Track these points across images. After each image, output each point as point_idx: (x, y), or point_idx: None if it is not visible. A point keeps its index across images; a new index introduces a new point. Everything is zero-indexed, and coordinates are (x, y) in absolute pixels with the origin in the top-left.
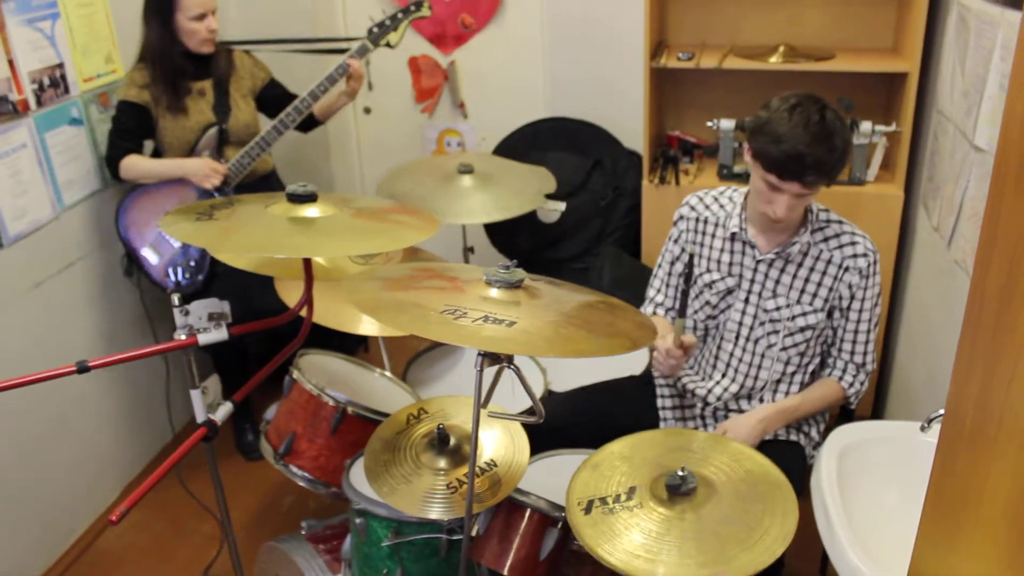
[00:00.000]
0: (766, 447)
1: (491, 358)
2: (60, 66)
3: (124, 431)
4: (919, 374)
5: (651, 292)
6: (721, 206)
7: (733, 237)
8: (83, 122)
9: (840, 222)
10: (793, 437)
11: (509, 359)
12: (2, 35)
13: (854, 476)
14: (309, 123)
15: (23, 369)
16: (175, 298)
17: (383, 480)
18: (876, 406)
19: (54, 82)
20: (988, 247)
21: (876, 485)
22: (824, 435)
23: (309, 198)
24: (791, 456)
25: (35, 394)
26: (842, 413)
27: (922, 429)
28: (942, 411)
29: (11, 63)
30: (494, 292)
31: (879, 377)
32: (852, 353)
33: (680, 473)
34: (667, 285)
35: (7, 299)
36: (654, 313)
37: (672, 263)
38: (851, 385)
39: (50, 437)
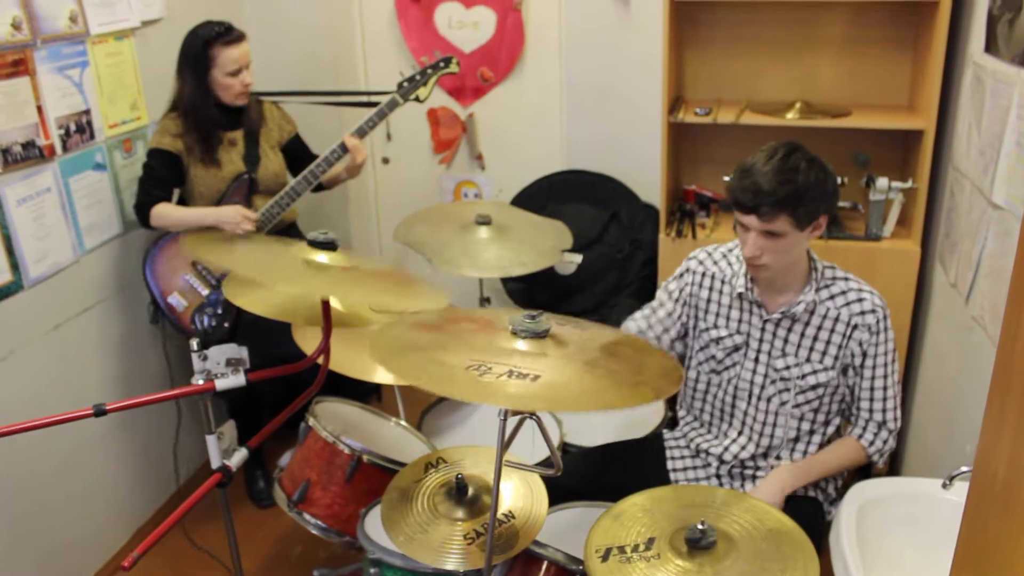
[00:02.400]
0: (784, 505)
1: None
2: (87, 112)
3: (135, 476)
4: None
5: (637, 313)
6: (729, 264)
7: (740, 297)
8: (107, 167)
9: (846, 279)
10: (811, 493)
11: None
12: (33, 82)
13: (873, 533)
14: (318, 186)
15: (39, 410)
16: (194, 343)
17: (400, 529)
18: (894, 462)
19: (80, 128)
20: (1017, 304)
21: (896, 542)
22: (842, 491)
23: (329, 246)
24: (809, 513)
25: (48, 437)
26: (860, 468)
27: (944, 486)
28: (965, 468)
29: (40, 109)
30: (520, 343)
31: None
32: (871, 411)
33: (700, 527)
34: (654, 311)
35: (26, 340)
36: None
37: (665, 317)
38: (871, 444)
39: (62, 480)
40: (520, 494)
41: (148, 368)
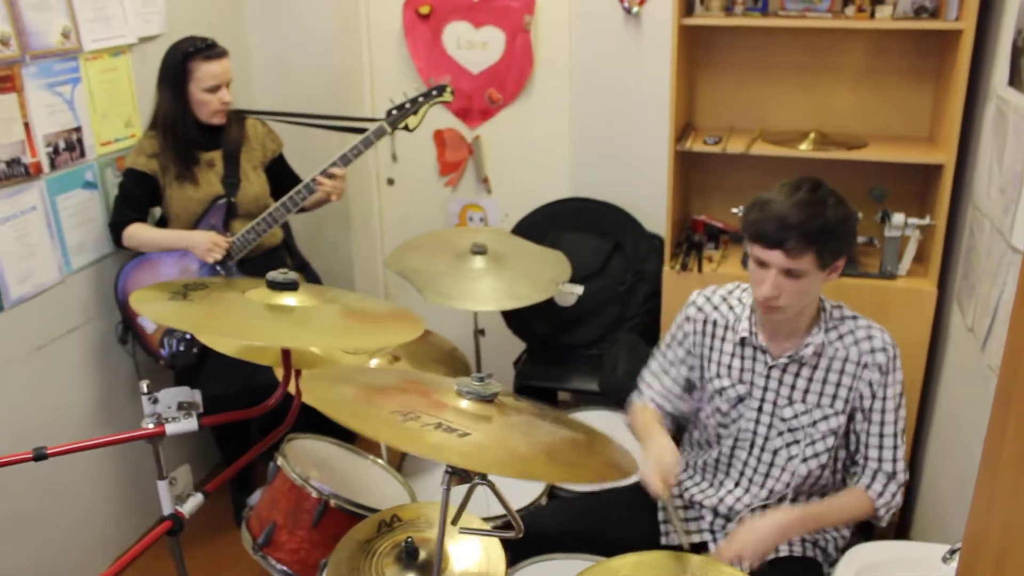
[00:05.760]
0: (781, 565)
1: (461, 475)
2: (77, 130)
3: (116, 503)
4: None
5: (647, 376)
6: (730, 307)
7: (743, 342)
8: (97, 186)
9: (854, 317)
10: (810, 553)
11: (482, 475)
12: (20, 99)
13: None
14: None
15: (21, 434)
16: (143, 385)
17: None
18: (903, 518)
19: (70, 145)
20: (1016, 352)
21: None
22: (843, 552)
23: (289, 286)
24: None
25: (22, 465)
26: (862, 526)
27: (944, 561)
28: None
29: (27, 126)
30: (464, 403)
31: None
32: (880, 460)
33: None
34: (665, 373)
35: (5, 362)
36: (643, 403)
37: (673, 364)
38: (880, 495)
39: (38, 510)
40: (475, 558)
41: (132, 391)
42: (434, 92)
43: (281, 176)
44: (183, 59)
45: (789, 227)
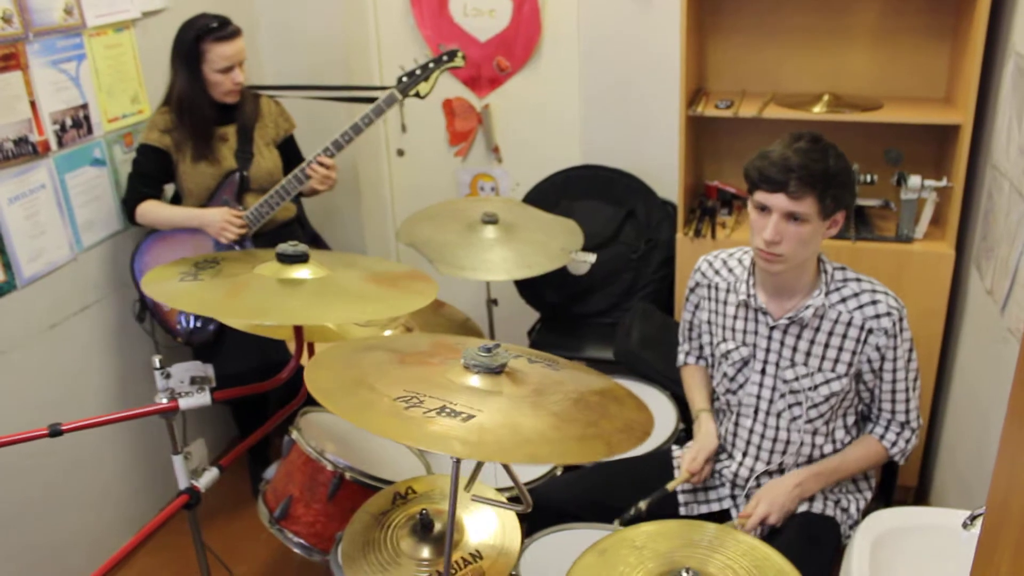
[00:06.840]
0: (799, 521)
1: None
2: (84, 107)
3: (135, 479)
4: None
5: (680, 339)
6: (730, 270)
7: (744, 305)
8: (106, 163)
9: (858, 280)
10: (829, 512)
11: None
12: (25, 77)
13: (889, 568)
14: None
15: (37, 411)
16: (156, 360)
17: (359, 568)
18: (921, 483)
19: (77, 123)
20: None
21: None
22: (865, 513)
23: (300, 259)
24: (824, 533)
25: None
26: (885, 481)
27: (964, 527)
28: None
29: (33, 104)
30: (473, 377)
31: (925, 450)
32: (894, 412)
33: (684, 574)
34: (698, 337)
35: (20, 341)
36: (685, 362)
37: (691, 329)
38: (894, 444)
39: (62, 483)
40: (490, 529)
41: (148, 367)
42: (444, 57)
43: (290, 158)
44: (195, 39)
45: (792, 168)
